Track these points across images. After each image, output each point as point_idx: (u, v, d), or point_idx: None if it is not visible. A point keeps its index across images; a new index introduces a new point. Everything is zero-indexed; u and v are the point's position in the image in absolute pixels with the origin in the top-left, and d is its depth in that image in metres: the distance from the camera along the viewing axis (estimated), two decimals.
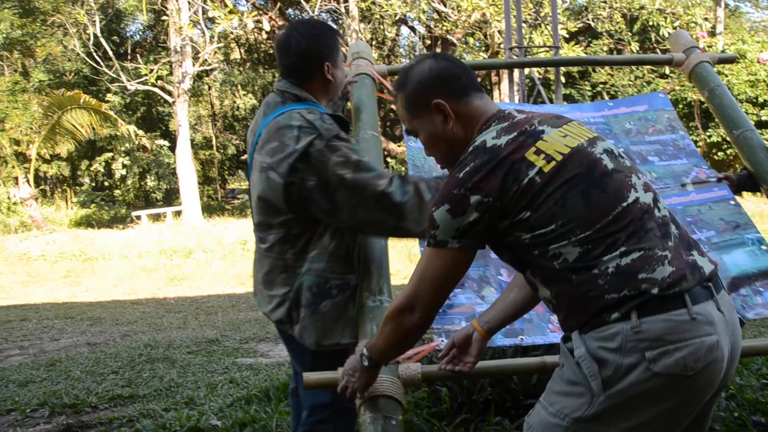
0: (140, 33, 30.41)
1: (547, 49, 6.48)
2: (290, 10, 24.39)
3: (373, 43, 24.80)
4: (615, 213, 1.41)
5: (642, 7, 15.52)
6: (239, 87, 30.00)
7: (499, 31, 13.24)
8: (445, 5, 12.36)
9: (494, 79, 19.03)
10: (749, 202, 11.47)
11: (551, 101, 4.85)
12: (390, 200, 1.92)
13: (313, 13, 14.78)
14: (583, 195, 1.41)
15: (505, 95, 17.58)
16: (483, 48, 20.51)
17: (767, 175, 2.83)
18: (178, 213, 17.17)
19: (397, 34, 25.21)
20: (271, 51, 21.07)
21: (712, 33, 17.24)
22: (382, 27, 17.50)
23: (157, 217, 17.80)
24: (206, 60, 14.65)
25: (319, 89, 2.15)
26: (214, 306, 8.52)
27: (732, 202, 2.88)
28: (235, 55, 29.19)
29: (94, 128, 15.22)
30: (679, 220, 2.44)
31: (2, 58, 20.35)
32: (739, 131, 3.03)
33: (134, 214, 18.30)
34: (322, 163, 1.91)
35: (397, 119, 32.59)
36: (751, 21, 30.74)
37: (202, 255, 12.65)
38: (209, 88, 29.10)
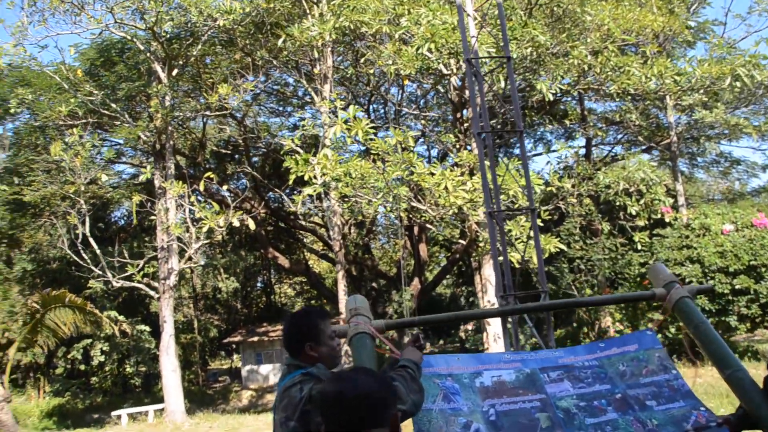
0: (125, 218, 31.28)
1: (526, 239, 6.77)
2: (276, 204, 25.44)
3: (351, 222, 25.75)
4: None
5: (608, 187, 16.49)
6: (221, 270, 30.44)
7: (477, 223, 13.83)
8: (422, 201, 12.99)
9: (474, 264, 19.55)
10: None
11: (546, 345, 4.98)
12: None
13: (296, 206, 15.42)
14: None
15: (486, 279, 17.99)
16: (459, 236, 21.31)
17: (764, 415, 2.88)
18: (160, 410, 16.51)
19: (374, 218, 26.18)
20: (252, 233, 21.69)
21: (675, 207, 18.22)
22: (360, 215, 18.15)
23: (135, 416, 17.07)
24: (192, 257, 14.93)
25: (311, 362, 2.63)
26: None
27: None
28: (217, 237, 29.82)
29: (77, 326, 15.06)
30: None
31: None
32: (730, 371, 3.13)
33: (114, 413, 17.53)
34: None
35: (378, 298, 32.92)
36: (707, 185, 32.68)
37: None
38: (192, 271, 29.37)
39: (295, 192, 26.64)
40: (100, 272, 15.42)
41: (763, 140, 20.46)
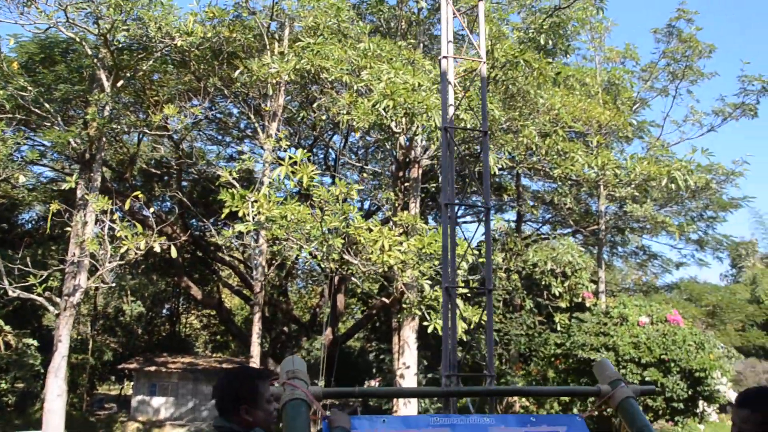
0: (33, 222, 29.46)
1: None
2: (198, 232, 24.64)
3: (273, 262, 25.23)
4: None
5: (535, 265, 16.87)
6: (128, 291, 29.00)
7: (405, 284, 13.75)
8: (354, 255, 12.82)
9: (394, 324, 19.43)
10: None
11: (480, 410, 4.86)
12: None
13: (222, 240, 14.89)
14: None
15: (405, 340, 17.85)
16: (378, 291, 21.19)
17: None
18: None
19: (295, 260, 25.72)
20: (168, 257, 20.83)
21: (595, 293, 18.85)
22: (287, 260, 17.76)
23: None
24: (102, 277, 14.06)
25: (244, 425, 2.55)
26: None
27: None
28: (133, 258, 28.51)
29: None
30: None
31: None
32: None
33: None
34: None
35: (287, 343, 32.16)
36: (622, 273, 34.19)
37: None
38: (97, 288, 27.84)
39: (220, 224, 26.02)
40: None
41: (681, 240, 21.66)
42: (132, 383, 33.54)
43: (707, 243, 23.75)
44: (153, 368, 30.83)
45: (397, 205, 17.97)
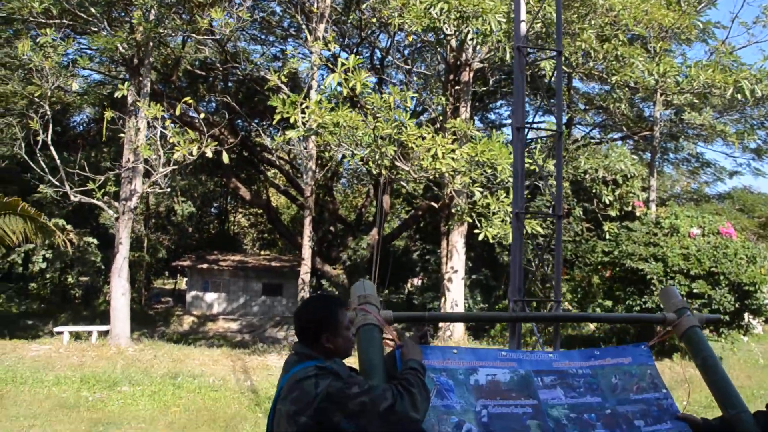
0: (84, 125, 30.00)
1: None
2: (243, 132, 24.72)
3: (319, 162, 25.38)
4: None
5: (585, 173, 16.55)
6: (178, 192, 29.65)
7: (455, 190, 13.71)
8: (405, 162, 12.75)
9: (443, 228, 19.54)
10: None
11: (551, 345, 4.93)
12: (396, 407, 2.40)
13: (275, 145, 14.93)
14: None
15: (453, 245, 18.02)
16: (424, 192, 21.21)
17: None
18: (104, 332, 16.16)
19: (341, 161, 25.79)
20: (216, 159, 21.17)
21: (646, 202, 18.50)
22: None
23: (79, 335, 16.70)
24: (157, 182, 14.36)
25: (324, 352, 2.57)
26: None
27: None
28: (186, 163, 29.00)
29: (26, 235, 14.39)
30: None
31: None
32: (735, 411, 3.11)
33: (56, 329, 17.09)
34: (344, 398, 2.33)
35: (333, 242, 32.88)
36: (671, 180, 33.37)
37: (128, 388, 11.85)
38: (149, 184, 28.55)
39: (266, 124, 26.03)
40: (58, 183, 14.69)
41: (738, 148, 20.84)
42: (186, 279, 35.09)
43: (766, 152, 22.76)
44: (205, 266, 32.13)
45: (447, 109, 17.61)
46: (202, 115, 15.62)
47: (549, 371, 3.19)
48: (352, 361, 2.70)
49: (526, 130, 5.25)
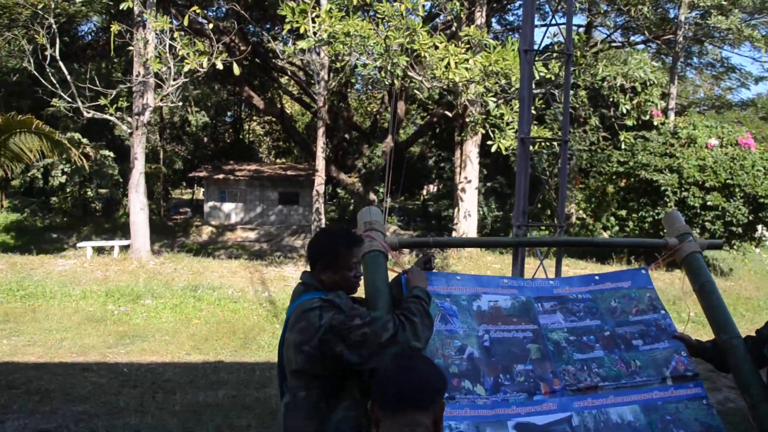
0: (92, 34, 29.45)
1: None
2: (254, 38, 24.06)
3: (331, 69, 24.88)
4: None
5: (603, 80, 16.11)
6: (192, 102, 29.37)
7: (468, 100, 13.45)
8: (418, 71, 12.46)
9: (456, 138, 19.32)
10: None
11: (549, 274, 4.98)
12: (398, 337, 2.45)
13: (286, 56, 14.59)
14: None
15: (467, 155, 17.88)
16: (439, 99, 20.79)
17: (749, 385, 3.04)
18: (125, 247, 16.55)
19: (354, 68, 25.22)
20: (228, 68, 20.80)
21: (664, 110, 18.05)
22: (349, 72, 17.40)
23: (101, 250, 17.14)
24: (168, 95, 14.21)
25: (323, 283, 2.64)
26: (170, 380, 8.24)
27: (704, 402, 3.08)
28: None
29: (42, 153, 14.49)
30: (658, 417, 2.84)
31: None
32: (727, 337, 3.20)
33: (79, 245, 17.51)
34: (346, 330, 2.40)
35: (348, 150, 32.76)
36: (693, 85, 32.41)
37: (151, 301, 12.28)
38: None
39: (278, 29, 25.32)
40: (69, 99, 14.60)
41: (766, 54, 19.97)
42: (203, 190, 35.47)
43: None
44: (221, 176, 32.37)
45: (462, 15, 16.99)
46: (211, 25, 15.20)
47: (549, 297, 3.28)
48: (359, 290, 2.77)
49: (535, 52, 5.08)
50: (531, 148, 10.08)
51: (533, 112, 15.33)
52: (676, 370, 3.14)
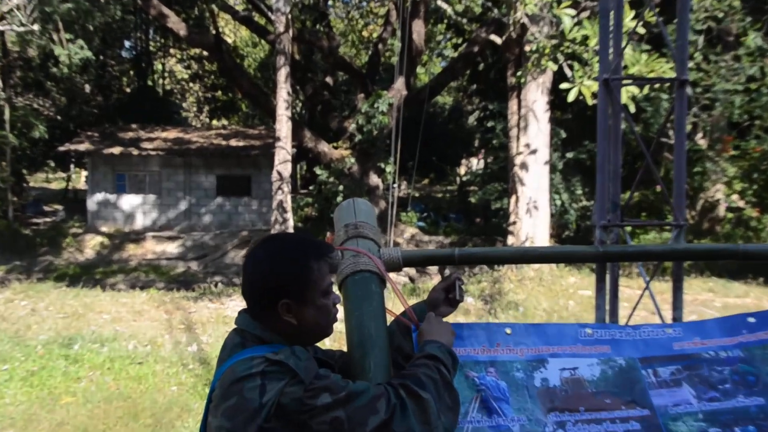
0: None
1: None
2: None
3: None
4: None
5: None
6: (60, 23, 29.27)
7: (528, 15, 13.59)
8: None
9: (511, 81, 19.41)
10: None
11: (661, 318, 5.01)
12: (393, 426, 2.39)
13: None
14: None
15: (529, 107, 18.00)
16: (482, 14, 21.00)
17: None
18: None
19: None
20: None
21: None
22: None
23: None
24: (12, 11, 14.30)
25: (282, 331, 2.63)
26: None
27: None
28: None
29: None
30: None
31: None
32: None
33: None
34: (306, 413, 2.36)
35: (332, 104, 32.83)
36: None
37: None
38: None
39: None
40: None
41: None
42: (85, 173, 35.54)
43: None
44: (117, 150, 32.33)
45: None
46: None
47: (667, 358, 3.25)
48: (338, 335, 2.72)
49: None
50: (627, 93, 9.96)
51: (638, 30, 15.46)
52: None
